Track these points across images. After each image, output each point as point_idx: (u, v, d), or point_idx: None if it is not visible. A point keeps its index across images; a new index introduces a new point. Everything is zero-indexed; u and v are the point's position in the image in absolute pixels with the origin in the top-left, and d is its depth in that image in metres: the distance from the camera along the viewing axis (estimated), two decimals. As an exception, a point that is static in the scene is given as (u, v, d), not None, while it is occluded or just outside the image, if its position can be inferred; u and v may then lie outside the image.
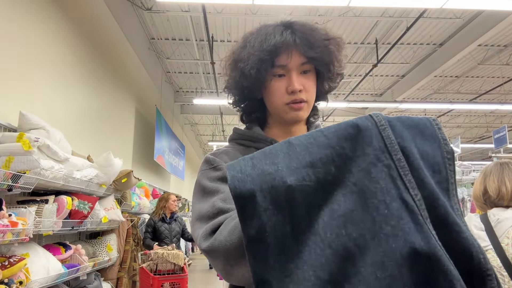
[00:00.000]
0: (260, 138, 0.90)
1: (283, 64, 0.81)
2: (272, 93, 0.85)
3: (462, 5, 4.13)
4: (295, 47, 0.80)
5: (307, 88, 0.83)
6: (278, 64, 0.81)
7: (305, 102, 0.83)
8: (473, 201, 1.69)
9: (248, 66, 0.81)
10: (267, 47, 0.79)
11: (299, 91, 0.81)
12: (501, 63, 7.69)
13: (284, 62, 0.81)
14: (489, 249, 1.43)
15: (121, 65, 5.15)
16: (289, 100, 0.82)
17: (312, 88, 0.84)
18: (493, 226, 1.45)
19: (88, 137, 3.83)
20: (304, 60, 0.81)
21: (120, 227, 3.32)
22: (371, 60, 7.47)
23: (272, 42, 0.79)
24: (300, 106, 0.83)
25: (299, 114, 0.84)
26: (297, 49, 0.80)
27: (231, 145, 0.93)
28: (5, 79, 2.51)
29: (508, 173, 1.55)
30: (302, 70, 0.82)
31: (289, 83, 0.81)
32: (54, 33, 3.20)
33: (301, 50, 0.80)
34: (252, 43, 0.82)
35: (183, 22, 6.23)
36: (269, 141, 0.88)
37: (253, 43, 0.82)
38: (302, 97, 0.82)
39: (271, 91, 0.85)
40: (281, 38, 0.79)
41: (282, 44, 0.79)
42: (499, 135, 3.46)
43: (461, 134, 12.84)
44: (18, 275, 1.81)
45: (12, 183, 1.85)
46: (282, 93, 0.83)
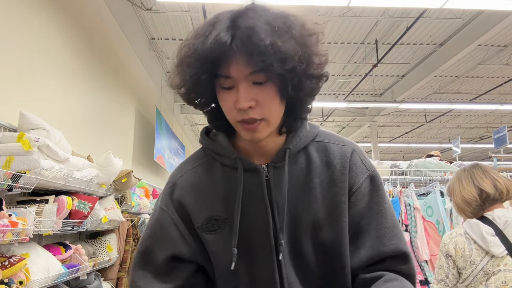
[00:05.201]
0: (224, 154, 0.76)
1: (226, 74, 0.64)
2: (222, 106, 0.69)
3: (462, 5, 4.13)
4: (239, 54, 0.61)
5: (262, 103, 0.64)
6: (221, 74, 0.64)
7: (261, 120, 0.66)
8: (459, 210, 1.60)
9: (187, 75, 0.65)
10: (202, 52, 0.61)
11: (249, 108, 0.64)
12: (501, 63, 7.69)
13: (227, 72, 0.63)
14: (505, 254, 1.39)
15: (121, 65, 5.15)
16: (240, 118, 0.66)
17: (270, 102, 0.65)
18: (502, 229, 1.41)
19: (88, 137, 3.83)
20: (251, 70, 0.62)
21: (120, 227, 3.33)
22: (371, 60, 7.46)
23: (206, 47, 0.61)
24: (253, 127, 0.66)
25: (254, 135, 0.68)
26: (241, 56, 0.61)
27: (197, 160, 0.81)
28: (5, 79, 2.51)
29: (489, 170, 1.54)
30: (253, 80, 0.63)
31: (237, 99, 0.64)
32: (54, 33, 3.21)
33: (245, 59, 0.61)
34: (192, 43, 0.64)
35: (183, 22, 6.23)
36: (233, 158, 0.74)
37: (193, 43, 0.64)
38: (254, 116, 0.65)
39: (222, 104, 0.69)
40: (217, 43, 0.59)
41: (218, 52, 0.60)
42: (499, 135, 3.46)
43: (461, 134, 12.84)
44: (18, 275, 1.81)
45: (12, 183, 1.85)
46: (231, 108, 0.66)
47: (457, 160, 3.97)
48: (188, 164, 0.81)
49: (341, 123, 12.32)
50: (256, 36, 0.58)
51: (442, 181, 3.14)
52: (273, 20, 0.62)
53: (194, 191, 0.77)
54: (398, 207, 2.89)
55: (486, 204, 1.49)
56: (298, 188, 0.74)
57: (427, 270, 2.73)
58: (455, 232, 1.54)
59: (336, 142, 0.78)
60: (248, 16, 0.62)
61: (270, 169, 0.74)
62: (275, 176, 0.74)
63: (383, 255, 0.72)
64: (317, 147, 0.77)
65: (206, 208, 0.75)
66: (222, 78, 0.65)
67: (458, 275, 1.50)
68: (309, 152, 0.76)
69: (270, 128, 0.69)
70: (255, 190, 0.73)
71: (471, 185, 1.52)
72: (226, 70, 0.63)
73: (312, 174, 0.74)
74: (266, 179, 0.74)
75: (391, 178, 3.29)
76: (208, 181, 0.77)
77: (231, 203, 0.73)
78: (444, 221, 2.77)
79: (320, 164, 0.75)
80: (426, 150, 13.15)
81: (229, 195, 0.74)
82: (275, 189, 0.73)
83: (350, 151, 0.77)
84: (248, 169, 0.74)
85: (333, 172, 0.75)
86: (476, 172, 1.55)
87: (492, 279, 1.40)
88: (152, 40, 6.78)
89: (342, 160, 0.75)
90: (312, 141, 0.78)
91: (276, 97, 0.66)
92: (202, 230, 0.76)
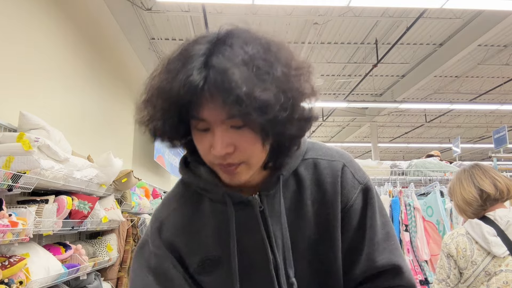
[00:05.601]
0: (210, 189, 0.70)
1: (200, 117, 0.57)
2: (198, 148, 0.63)
3: (462, 5, 4.13)
4: (212, 98, 0.54)
5: (240, 148, 0.58)
6: (194, 116, 0.57)
7: (241, 163, 0.60)
8: (460, 211, 1.60)
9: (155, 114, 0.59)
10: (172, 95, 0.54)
11: (226, 154, 0.58)
12: (501, 63, 7.69)
13: (201, 115, 0.56)
14: (507, 255, 1.38)
15: (121, 65, 5.15)
16: (217, 162, 0.61)
17: (250, 146, 0.59)
18: (504, 229, 1.41)
19: (88, 137, 3.83)
20: (227, 116, 0.55)
21: (120, 227, 3.32)
22: (371, 60, 7.47)
23: (176, 89, 0.53)
24: (232, 171, 0.61)
25: (234, 179, 0.63)
26: (216, 100, 0.54)
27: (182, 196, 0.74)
28: (5, 79, 2.51)
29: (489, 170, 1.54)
30: (230, 124, 0.57)
31: (212, 144, 0.58)
32: (54, 33, 3.20)
33: (220, 103, 0.53)
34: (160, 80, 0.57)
35: (183, 22, 6.22)
36: (220, 194, 0.68)
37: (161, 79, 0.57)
38: (232, 161, 0.59)
39: (197, 145, 0.62)
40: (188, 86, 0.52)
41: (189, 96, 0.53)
42: (499, 135, 3.46)
43: (461, 134, 12.84)
44: (18, 275, 1.81)
45: (12, 183, 1.85)
46: (207, 151, 0.60)
47: (457, 160, 3.97)
48: (173, 202, 0.75)
49: (341, 123, 12.32)
50: (231, 82, 0.51)
51: (442, 181, 3.14)
52: (252, 57, 0.54)
53: (184, 232, 0.72)
54: (398, 207, 2.89)
55: (487, 204, 1.48)
56: (292, 213, 0.70)
57: (427, 270, 2.73)
58: (456, 232, 1.53)
59: (325, 157, 0.73)
60: (224, 52, 0.54)
61: (263, 199, 0.69)
62: (269, 206, 0.69)
63: (375, 270, 0.71)
64: (306, 165, 0.72)
65: (199, 249, 0.71)
66: (195, 120, 0.58)
67: (460, 275, 1.49)
68: (298, 173, 0.71)
69: (251, 171, 0.63)
70: (249, 224, 0.69)
71: (471, 185, 1.52)
72: (200, 113, 0.56)
73: (304, 197, 0.71)
74: (260, 210, 0.69)
75: (391, 178, 3.29)
76: (197, 220, 0.72)
77: (224, 241, 0.69)
78: (444, 221, 2.77)
79: (310, 184, 0.71)
80: (426, 150, 13.15)
81: (222, 232, 0.69)
82: (271, 219, 0.69)
83: (340, 167, 0.72)
84: (239, 202, 0.69)
85: (325, 193, 0.71)
86: (476, 173, 1.54)
87: (494, 280, 1.40)
88: (152, 40, 6.78)
89: (333, 180, 0.71)
90: (302, 160, 0.73)
91: (256, 141, 0.59)
92: (198, 273, 0.71)
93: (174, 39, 6.81)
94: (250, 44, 0.56)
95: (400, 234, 2.82)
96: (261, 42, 0.57)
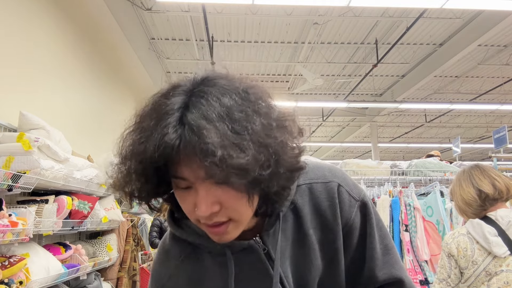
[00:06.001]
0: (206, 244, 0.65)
1: (180, 176, 0.53)
2: (182, 206, 0.58)
3: (462, 5, 4.13)
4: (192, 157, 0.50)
5: (226, 205, 0.54)
6: (174, 175, 0.54)
7: (228, 221, 0.56)
8: (460, 212, 1.60)
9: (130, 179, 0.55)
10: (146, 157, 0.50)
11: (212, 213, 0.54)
12: (501, 63, 7.70)
13: (180, 174, 0.53)
14: (508, 255, 1.39)
15: (121, 65, 5.15)
16: (203, 221, 0.56)
17: (236, 203, 0.55)
18: (505, 229, 1.41)
19: (88, 137, 3.82)
20: (207, 175, 0.51)
21: (120, 227, 3.32)
22: (371, 60, 7.47)
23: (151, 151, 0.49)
24: (219, 231, 0.57)
25: (222, 238, 0.58)
26: (194, 160, 0.50)
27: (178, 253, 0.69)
28: (5, 79, 2.51)
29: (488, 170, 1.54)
30: (214, 181, 0.52)
31: (196, 203, 0.54)
32: (54, 33, 3.20)
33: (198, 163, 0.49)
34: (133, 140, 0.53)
35: (183, 22, 6.22)
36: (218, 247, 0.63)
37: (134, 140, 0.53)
38: (219, 219, 0.55)
39: (180, 204, 0.58)
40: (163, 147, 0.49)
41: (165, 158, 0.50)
42: (499, 135, 3.46)
43: (461, 134, 12.84)
44: (18, 275, 1.81)
45: (12, 183, 1.85)
46: (192, 210, 0.56)
47: (457, 160, 3.97)
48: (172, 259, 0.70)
49: (341, 123, 12.32)
50: (206, 144, 0.47)
51: (442, 181, 3.13)
52: (229, 109, 0.51)
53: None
54: (398, 207, 2.89)
55: (486, 204, 1.49)
56: (295, 246, 0.68)
57: (427, 270, 2.73)
58: (457, 231, 1.53)
59: (319, 179, 0.69)
60: (199, 106, 0.50)
61: (265, 239, 0.65)
62: (273, 245, 0.65)
63: (377, 285, 0.72)
64: (300, 193, 0.68)
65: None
66: (176, 179, 0.54)
67: (460, 275, 1.49)
68: (294, 203, 0.67)
69: (241, 227, 0.59)
70: (256, 269, 0.65)
71: (470, 186, 1.52)
72: (179, 172, 0.53)
73: (305, 227, 0.68)
74: (264, 252, 0.65)
75: (391, 178, 3.29)
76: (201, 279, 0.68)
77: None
78: (444, 221, 2.77)
79: (309, 211, 0.68)
80: (426, 150, 13.15)
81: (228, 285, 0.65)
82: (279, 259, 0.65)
83: (336, 189, 0.69)
84: (241, 250, 0.65)
85: (325, 218, 0.68)
86: (474, 173, 1.54)
87: (494, 280, 1.40)
88: (152, 40, 6.78)
89: (331, 203, 0.68)
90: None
91: (242, 196, 0.54)
92: None
93: (174, 39, 6.81)
94: (227, 95, 0.52)
95: (400, 234, 2.82)
96: (239, 91, 0.53)
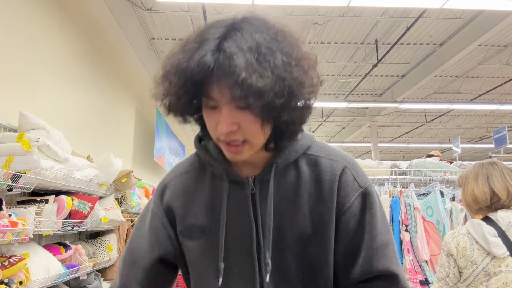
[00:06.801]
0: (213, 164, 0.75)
1: (209, 96, 0.63)
2: (206, 124, 0.68)
3: (462, 5, 4.13)
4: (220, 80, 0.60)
5: (244, 127, 0.64)
6: (204, 94, 0.64)
7: (244, 142, 0.66)
8: (465, 204, 1.58)
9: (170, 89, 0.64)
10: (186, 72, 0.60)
11: (230, 132, 0.64)
12: (501, 63, 7.69)
13: (210, 93, 0.63)
14: (507, 255, 1.38)
15: (121, 65, 5.15)
16: (222, 139, 0.66)
17: (253, 127, 0.64)
18: (505, 230, 1.40)
19: (88, 137, 3.83)
20: (231, 97, 0.61)
21: (120, 227, 3.32)
22: (371, 60, 7.47)
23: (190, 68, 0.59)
24: (235, 149, 0.66)
25: (236, 156, 0.67)
26: (224, 82, 0.60)
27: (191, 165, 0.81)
28: (5, 79, 2.51)
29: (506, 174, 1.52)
30: (236, 105, 0.62)
31: (219, 121, 0.64)
32: (54, 33, 3.20)
33: (227, 84, 0.59)
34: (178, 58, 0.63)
35: (183, 22, 6.23)
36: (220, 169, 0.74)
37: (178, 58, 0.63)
38: (236, 137, 0.65)
39: (206, 121, 0.68)
40: (200, 66, 0.58)
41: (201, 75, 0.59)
42: (499, 135, 3.46)
43: (461, 134, 12.84)
44: (18, 275, 1.81)
45: (12, 183, 1.85)
46: (214, 128, 0.66)
47: (457, 160, 3.97)
48: (182, 168, 0.82)
49: (341, 123, 12.32)
50: (235, 67, 0.57)
51: (442, 181, 3.13)
52: (258, 44, 0.60)
53: (183, 196, 0.78)
54: (398, 207, 2.88)
55: (493, 207, 1.47)
56: (285, 203, 0.72)
57: (427, 270, 2.73)
58: (457, 231, 1.53)
59: (328, 156, 0.75)
60: (235, 37, 0.60)
61: (256, 183, 0.73)
62: (262, 190, 0.73)
63: (371, 275, 0.71)
64: (308, 161, 0.75)
65: (191, 214, 0.76)
66: (205, 98, 0.64)
67: (459, 274, 1.49)
68: (299, 166, 0.74)
69: (253, 150, 0.68)
70: (240, 204, 0.73)
71: (486, 184, 1.48)
72: (210, 92, 0.63)
73: (301, 190, 0.73)
74: (252, 193, 0.73)
75: (391, 178, 3.29)
76: (197, 189, 0.78)
77: (215, 214, 0.73)
78: (444, 221, 2.77)
79: (309, 180, 0.73)
80: (426, 150, 13.15)
81: (215, 205, 0.74)
82: (261, 203, 0.72)
83: (340, 168, 0.74)
84: (234, 181, 0.74)
85: (322, 189, 0.72)
86: (494, 173, 1.50)
87: (493, 280, 1.40)
88: (152, 40, 6.78)
89: (331, 177, 0.73)
90: (304, 154, 0.75)
91: (257, 122, 0.64)
92: (183, 236, 0.77)
93: (174, 39, 6.81)
94: (259, 32, 0.61)
95: (400, 234, 2.82)
96: (270, 32, 0.62)
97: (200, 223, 0.75)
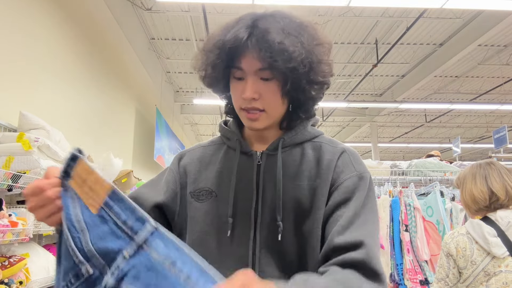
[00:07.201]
0: (230, 137, 0.86)
1: (239, 66, 0.73)
2: (232, 94, 0.79)
3: (462, 5, 4.13)
4: (252, 50, 0.71)
5: (264, 96, 0.74)
6: (234, 65, 0.74)
7: (261, 111, 0.75)
8: (464, 205, 1.58)
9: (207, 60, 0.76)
10: (221, 45, 0.72)
11: (252, 99, 0.73)
12: (501, 63, 7.70)
13: (239, 64, 0.73)
14: (507, 255, 1.38)
15: (121, 65, 5.15)
16: (243, 105, 0.76)
17: (272, 97, 0.74)
18: (505, 230, 1.40)
19: (88, 137, 3.83)
20: (260, 66, 0.71)
21: (120, 227, 3.32)
22: (371, 60, 7.47)
23: (226, 39, 0.71)
24: (254, 117, 0.76)
25: (253, 124, 0.77)
26: (254, 52, 0.71)
27: (210, 142, 0.92)
28: (5, 79, 2.51)
29: (504, 174, 1.52)
30: (260, 76, 0.73)
31: (243, 89, 0.74)
32: (54, 33, 3.20)
33: (256, 55, 0.70)
34: (217, 34, 0.75)
35: (183, 22, 6.23)
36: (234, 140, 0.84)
37: (218, 34, 0.75)
38: (256, 105, 0.74)
39: (231, 92, 0.79)
40: (235, 37, 0.70)
41: (233, 45, 0.70)
42: (499, 135, 3.46)
43: (461, 134, 12.84)
44: (18, 275, 1.81)
45: (12, 183, 1.85)
46: (238, 97, 0.76)
47: (457, 160, 3.97)
48: (202, 143, 0.93)
49: (341, 123, 12.33)
50: (269, 36, 0.68)
51: (442, 181, 3.13)
52: (287, 26, 0.71)
53: (198, 163, 0.87)
54: (398, 207, 2.88)
55: (492, 207, 1.47)
56: (287, 177, 0.78)
57: (427, 270, 2.73)
58: (457, 231, 1.53)
59: (332, 144, 0.83)
60: (267, 20, 0.72)
61: (263, 156, 0.81)
62: (267, 163, 0.81)
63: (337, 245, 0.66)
64: (312, 146, 0.83)
65: (202, 179, 0.85)
66: (235, 69, 0.74)
67: (459, 274, 1.49)
68: (304, 148, 0.82)
69: (269, 120, 0.77)
70: (246, 173, 0.81)
71: (484, 185, 1.49)
72: (239, 63, 0.73)
73: (303, 167, 0.79)
74: (258, 164, 0.81)
75: (391, 178, 3.29)
76: (211, 159, 0.87)
77: (224, 180, 0.82)
78: (444, 221, 2.77)
79: (312, 160, 0.80)
80: (426, 150, 13.16)
81: (224, 172, 0.83)
82: (265, 174, 0.80)
83: (340, 151, 0.81)
84: (245, 152, 0.83)
85: (320, 167, 0.79)
86: (492, 173, 1.50)
87: (493, 280, 1.40)
88: (152, 40, 6.78)
89: (331, 157, 0.79)
90: (310, 141, 0.84)
91: (278, 93, 0.74)
92: (192, 197, 0.84)
93: (174, 39, 6.81)
94: (287, 19, 0.74)
95: (400, 234, 2.82)
96: (295, 20, 0.74)
97: (209, 187, 0.83)
